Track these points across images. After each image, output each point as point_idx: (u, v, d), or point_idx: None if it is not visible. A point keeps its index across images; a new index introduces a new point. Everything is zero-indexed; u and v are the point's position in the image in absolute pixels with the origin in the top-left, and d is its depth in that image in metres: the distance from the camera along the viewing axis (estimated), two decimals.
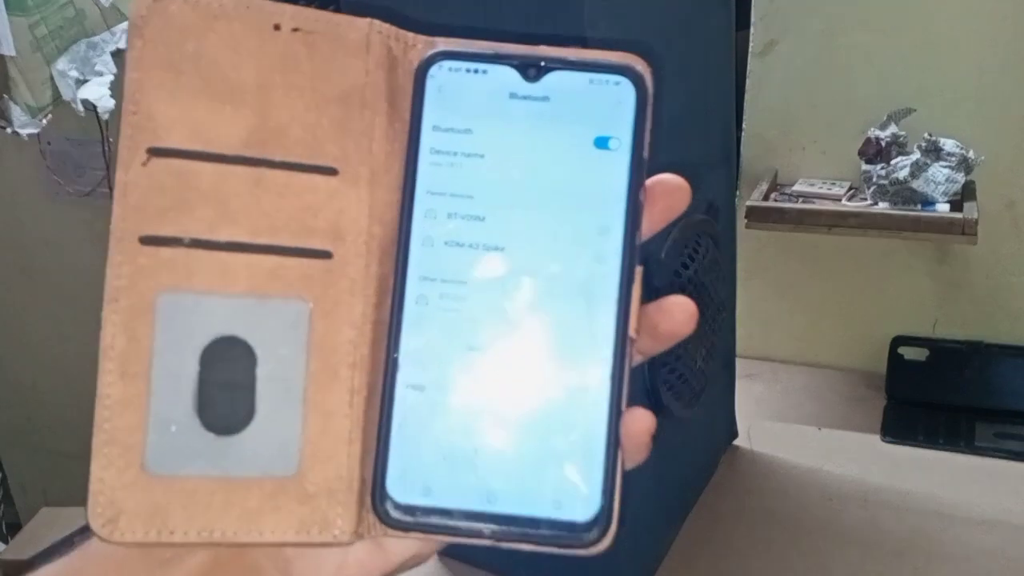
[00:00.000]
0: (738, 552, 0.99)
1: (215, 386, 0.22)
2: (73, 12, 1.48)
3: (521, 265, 0.23)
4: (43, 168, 1.86)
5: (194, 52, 0.22)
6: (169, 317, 0.22)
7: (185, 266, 0.22)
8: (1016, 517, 1.01)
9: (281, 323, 0.22)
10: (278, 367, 0.22)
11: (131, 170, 0.22)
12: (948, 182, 1.14)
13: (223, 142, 0.22)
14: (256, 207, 0.22)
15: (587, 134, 0.23)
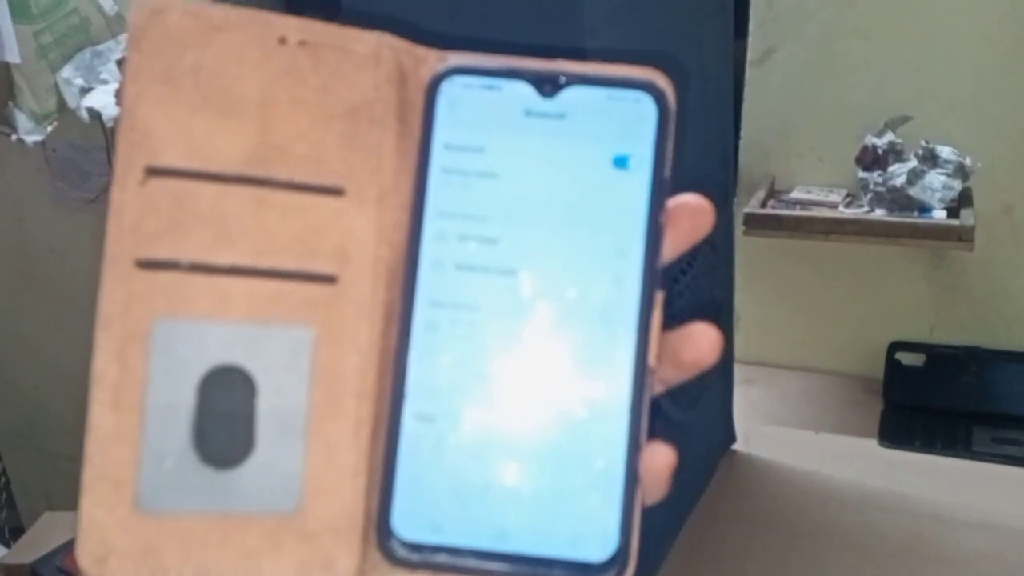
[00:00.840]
0: (736, 556, 1.00)
1: (213, 417, 0.21)
2: (78, 20, 1.50)
3: (535, 290, 0.22)
4: (47, 174, 1.88)
5: (194, 65, 0.21)
6: (165, 345, 0.21)
7: (182, 291, 0.21)
8: (1013, 521, 1.02)
9: (283, 351, 0.21)
10: (279, 397, 0.21)
11: (127, 190, 0.21)
12: (945, 189, 1.15)
13: (223, 160, 0.21)
14: (258, 229, 0.21)
15: (605, 152, 0.22)
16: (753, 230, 1.21)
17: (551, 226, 0.22)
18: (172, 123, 0.21)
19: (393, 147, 0.22)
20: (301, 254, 0.21)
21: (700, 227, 0.23)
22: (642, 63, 0.23)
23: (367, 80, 0.22)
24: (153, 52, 0.21)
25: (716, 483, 1.10)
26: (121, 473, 0.20)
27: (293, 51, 0.22)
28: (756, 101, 1.29)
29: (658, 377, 0.23)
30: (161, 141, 0.21)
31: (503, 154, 0.22)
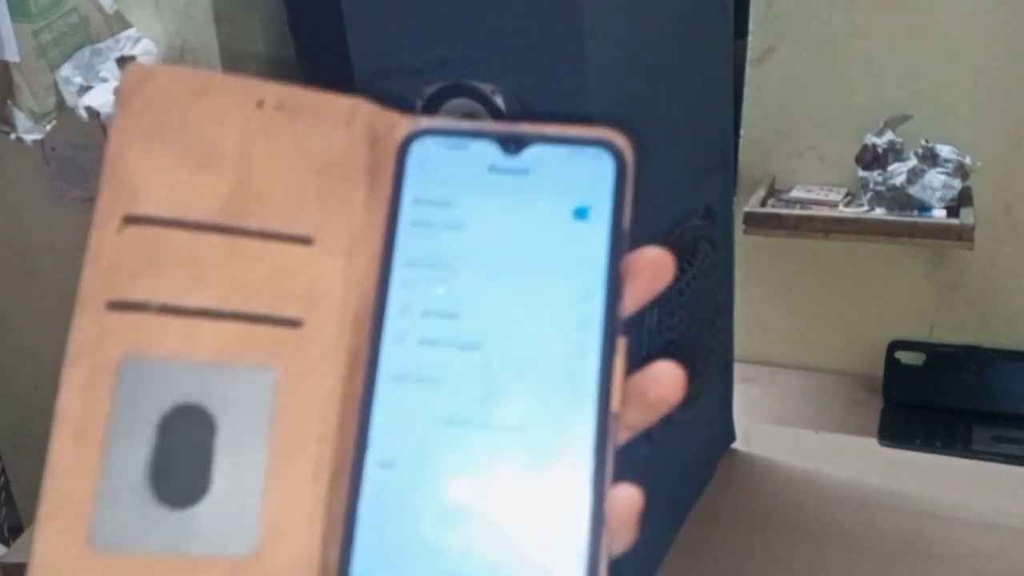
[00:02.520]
0: (736, 555, 1.00)
1: (171, 456, 0.21)
2: (77, 19, 1.49)
3: (498, 338, 0.22)
4: (46, 173, 1.88)
5: (177, 124, 0.22)
6: (130, 382, 0.21)
7: (151, 331, 0.21)
8: (1014, 520, 1.02)
9: (245, 392, 0.21)
10: (239, 437, 0.21)
11: (105, 235, 0.22)
12: (945, 188, 1.15)
13: (199, 210, 0.22)
14: (229, 273, 0.22)
15: (566, 204, 0.23)
16: (753, 229, 1.21)
17: (513, 274, 0.23)
18: (153, 175, 0.22)
19: (364, 201, 0.23)
20: (269, 298, 0.22)
21: (660, 277, 0.24)
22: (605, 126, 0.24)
23: (340, 140, 0.23)
24: (140, 111, 0.22)
25: (716, 482, 1.10)
26: (77, 509, 0.20)
27: (271, 113, 0.23)
28: (756, 101, 1.29)
29: (625, 422, 0.23)
30: (141, 191, 0.22)
31: (468, 207, 0.23)
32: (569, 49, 0.71)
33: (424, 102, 0.79)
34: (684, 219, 0.92)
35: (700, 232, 0.94)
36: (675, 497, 1.03)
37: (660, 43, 0.84)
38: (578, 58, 0.71)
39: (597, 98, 0.73)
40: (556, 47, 0.72)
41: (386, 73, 0.79)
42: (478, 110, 0.77)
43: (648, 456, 0.91)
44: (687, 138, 0.94)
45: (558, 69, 0.72)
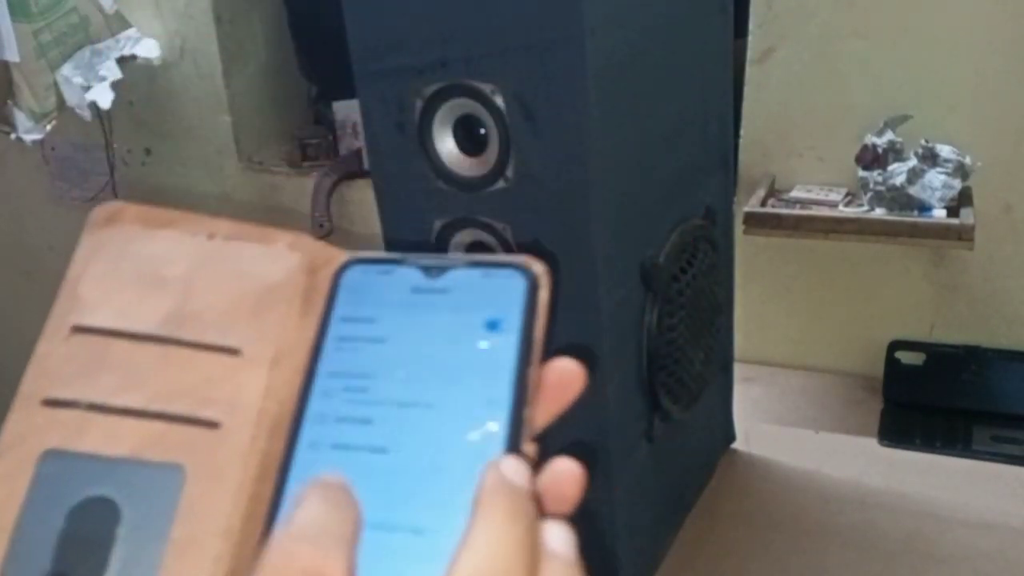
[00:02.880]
0: (736, 554, 1.00)
1: (74, 543, 0.22)
2: (77, 19, 1.49)
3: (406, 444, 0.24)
4: (46, 173, 1.88)
5: (134, 252, 0.25)
6: (47, 474, 0.23)
7: (76, 427, 0.23)
8: (1013, 520, 1.02)
9: (153, 486, 0.23)
10: (140, 529, 0.22)
11: (53, 343, 0.24)
12: (945, 188, 1.15)
13: (141, 323, 0.24)
14: (158, 378, 0.24)
15: (478, 318, 0.25)
16: (753, 229, 1.21)
17: (427, 383, 0.24)
18: (103, 294, 0.25)
19: (296, 321, 0.25)
20: (192, 401, 0.24)
21: (570, 388, 0.25)
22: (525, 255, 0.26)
23: (280, 268, 0.26)
24: (104, 241, 0.26)
25: (716, 481, 1.10)
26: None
27: (220, 244, 0.26)
28: (756, 101, 1.29)
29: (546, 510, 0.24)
30: (90, 307, 0.25)
31: (390, 323, 0.25)
32: (569, 49, 0.71)
33: (424, 102, 0.79)
34: (684, 219, 0.92)
35: (700, 232, 0.94)
36: (676, 496, 1.03)
37: (660, 43, 0.84)
38: (578, 58, 0.71)
39: (597, 98, 0.73)
40: (556, 47, 0.72)
41: (386, 73, 0.79)
42: (478, 110, 0.77)
43: (648, 456, 0.91)
44: (687, 138, 0.94)
45: (558, 69, 0.72)
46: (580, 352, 0.26)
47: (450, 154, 0.80)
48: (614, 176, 0.78)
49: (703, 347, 0.96)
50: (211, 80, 1.64)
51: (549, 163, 0.76)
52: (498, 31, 0.74)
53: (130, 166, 1.77)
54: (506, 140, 0.76)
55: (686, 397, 0.94)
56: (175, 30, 1.64)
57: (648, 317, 0.86)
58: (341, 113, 1.62)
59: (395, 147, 0.82)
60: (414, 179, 0.82)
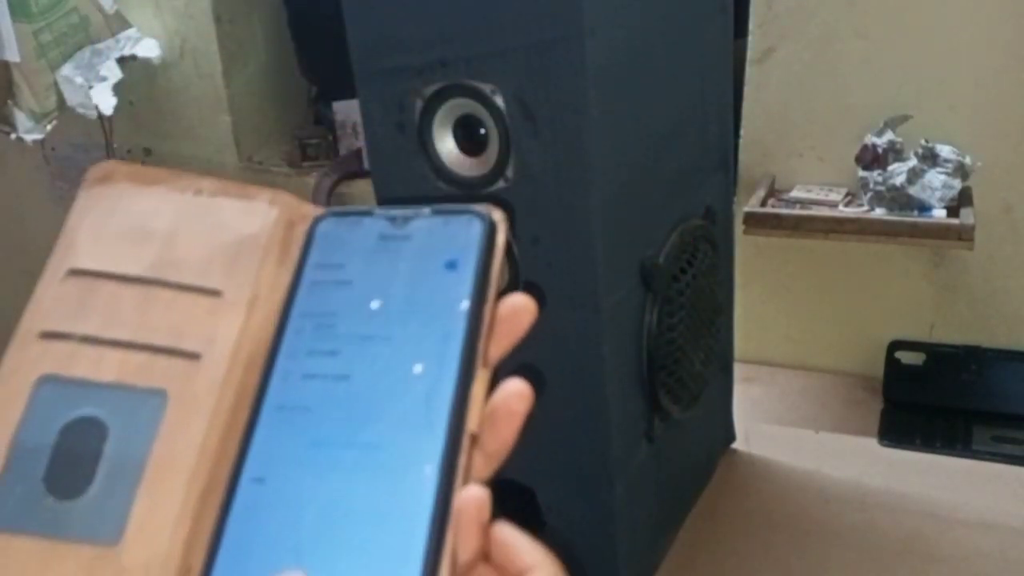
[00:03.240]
0: (736, 554, 1.00)
1: (64, 456, 0.24)
2: (77, 19, 1.49)
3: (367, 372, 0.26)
4: (46, 173, 1.88)
5: (125, 207, 0.28)
6: (42, 396, 0.25)
7: (69, 356, 0.26)
8: (1013, 520, 1.02)
9: (138, 409, 0.25)
10: (125, 445, 0.24)
11: (51, 283, 0.27)
12: (944, 188, 1.15)
13: (129, 267, 0.27)
14: (143, 314, 0.26)
15: (438, 260, 0.27)
16: (753, 229, 1.21)
17: (389, 318, 0.26)
18: (97, 243, 0.27)
19: (273, 267, 0.28)
20: (174, 335, 0.26)
21: (521, 320, 0.27)
22: None
23: (260, 221, 0.28)
24: (98, 196, 0.28)
25: (716, 481, 1.10)
26: None
27: (205, 200, 0.28)
28: (756, 101, 1.29)
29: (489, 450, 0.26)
30: (85, 252, 0.27)
31: (357, 267, 0.28)
32: (569, 49, 0.71)
33: (424, 102, 0.79)
34: (684, 219, 0.92)
35: (700, 232, 0.94)
36: (676, 496, 1.03)
37: (660, 43, 0.84)
38: (578, 58, 0.71)
39: (597, 98, 0.73)
40: (556, 47, 0.72)
41: (386, 73, 0.79)
42: (478, 110, 0.77)
43: (648, 456, 0.91)
44: (687, 138, 0.94)
45: (558, 69, 0.72)
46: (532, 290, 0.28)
47: (450, 154, 0.80)
48: (614, 176, 0.78)
49: (703, 347, 0.96)
50: (211, 80, 1.64)
51: (549, 163, 0.76)
52: (498, 31, 0.74)
53: None
54: (506, 140, 0.76)
55: (686, 397, 0.94)
56: (175, 30, 1.64)
57: (648, 317, 0.86)
58: (341, 113, 1.62)
59: (395, 147, 0.82)
60: (414, 179, 0.82)
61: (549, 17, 0.71)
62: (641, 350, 0.86)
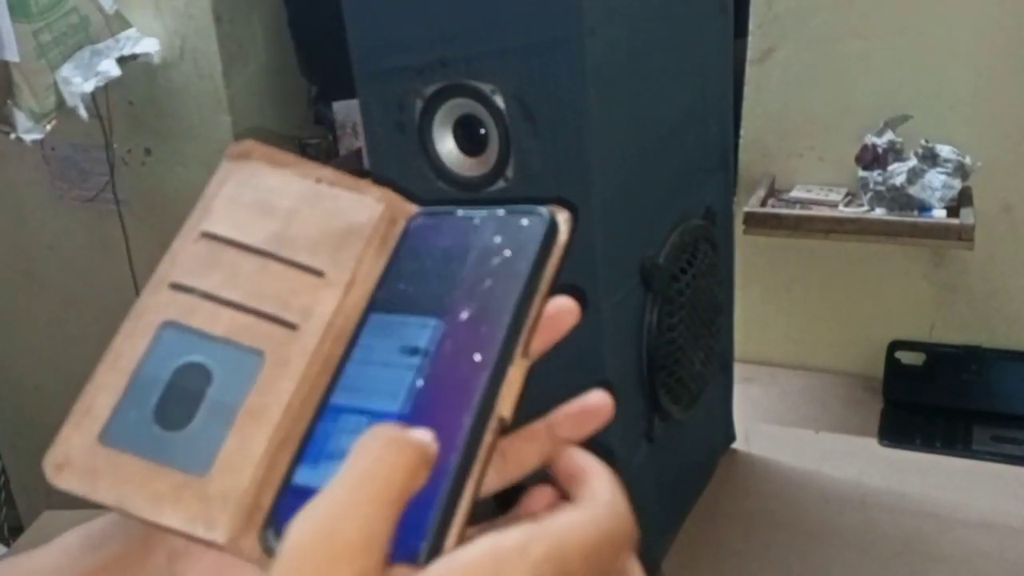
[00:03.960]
0: (736, 554, 1.00)
1: (174, 392, 0.28)
2: (77, 19, 1.49)
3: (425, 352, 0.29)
4: (46, 173, 1.88)
5: (256, 183, 0.32)
6: (164, 338, 0.29)
7: (189, 308, 0.30)
8: (1014, 520, 1.02)
9: (239, 362, 0.29)
10: (225, 391, 0.28)
11: (186, 242, 0.31)
12: (944, 188, 1.15)
13: (251, 238, 0.31)
14: (256, 282, 0.30)
15: (503, 253, 0.30)
16: (753, 229, 1.21)
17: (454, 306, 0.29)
18: (229, 211, 0.31)
19: (372, 257, 0.31)
20: (278, 305, 0.30)
21: (564, 321, 0.30)
22: None
23: (366, 213, 0.32)
24: (233, 171, 0.32)
25: (716, 481, 1.10)
26: (99, 412, 0.28)
27: (323, 187, 0.32)
28: (756, 101, 1.29)
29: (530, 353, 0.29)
30: (216, 218, 0.31)
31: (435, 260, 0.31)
32: (569, 49, 0.71)
33: (424, 102, 0.79)
34: (684, 219, 0.92)
35: (700, 232, 0.94)
36: (676, 496, 1.03)
37: (660, 43, 0.84)
38: (578, 58, 0.71)
39: (597, 98, 0.73)
40: (556, 47, 0.72)
41: (386, 73, 0.79)
42: (478, 110, 0.77)
43: (648, 456, 0.91)
44: (687, 138, 0.94)
45: (558, 69, 0.72)
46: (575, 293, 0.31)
47: (450, 154, 0.80)
48: (614, 176, 0.78)
49: (703, 347, 0.96)
50: (211, 80, 1.64)
51: (549, 163, 0.76)
52: (498, 31, 0.74)
53: (130, 166, 1.77)
54: (506, 140, 0.76)
55: (686, 397, 0.94)
56: (175, 30, 1.64)
57: (648, 317, 0.86)
58: (341, 113, 1.62)
59: (395, 147, 0.82)
60: (414, 179, 0.82)
61: (549, 17, 0.71)
62: (641, 350, 0.87)
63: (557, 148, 0.75)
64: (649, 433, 0.90)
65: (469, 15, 0.74)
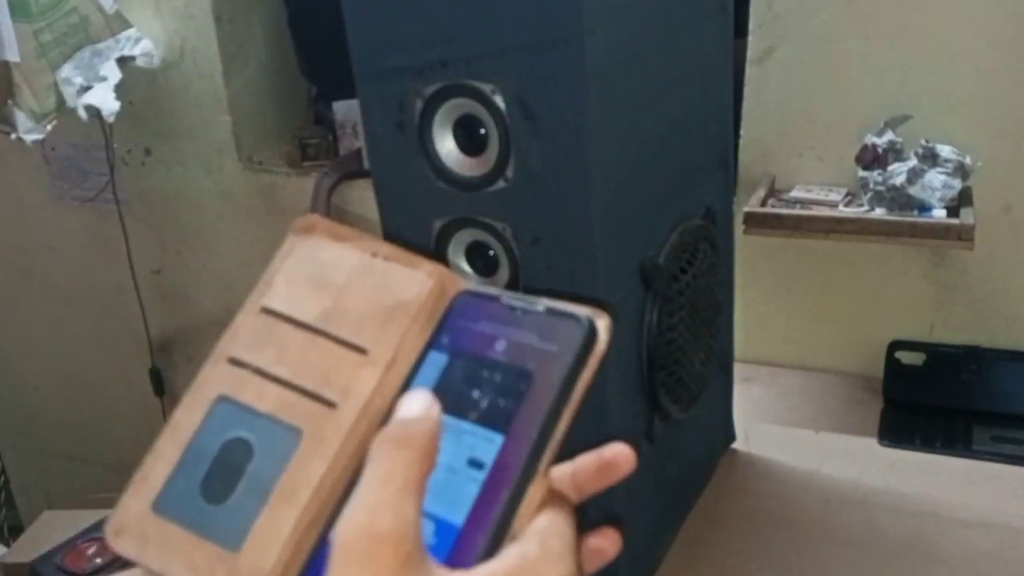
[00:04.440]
0: (736, 554, 1.00)
1: (219, 466, 0.30)
2: (77, 19, 1.49)
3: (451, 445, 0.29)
4: (46, 173, 1.88)
5: (315, 257, 0.33)
6: (217, 412, 0.31)
7: (242, 383, 0.31)
8: (1014, 520, 1.02)
9: (279, 439, 0.30)
10: (262, 468, 0.29)
11: (248, 316, 0.33)
12: (945, 188, 1.15)
13: (303, 314, 0.32)
14: (303, 358, 0.31)
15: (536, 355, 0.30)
16: (753, 229, 1.21)
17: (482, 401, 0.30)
18: (287, 286, 0.33)
19: (415, 335, 0.32)
20: (320, 382, 0.31)
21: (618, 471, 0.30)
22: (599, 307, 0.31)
23: (415, 289, 0.32)
24: (297, 245, 0.34)
25: (716, 481, 1.10)
26: (154, 481, 0.30)
27: (378, 262, 0.33)
28: (756, 101, 1.29)
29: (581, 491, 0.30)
30: (276, 294, 0.33)
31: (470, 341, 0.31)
32: (569, 49, 0.71)
33: (424, 102, 0.79)
34: (684, 219, 0.92)
35: (700, 232, 0.94)
36: (676, 496, 1.03)
37: (660, 43, 0.84)
38: (578, 58, 0.71)
39: (597, 98, 0.73)
40: (556, 47, 0.72)
41: (386, 73, 0.79)
42: (478, 110, 0.77)
43: (648, 456, 0.91)
44: (687, 138, 0.94)
45: (558, 69, 0.72)
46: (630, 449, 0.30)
47: (450, 154, 0.80)
48: (614, 176, 0.78)
49: (703, 347, 0.96)
50: (211, 80, 1.64)
51: (549, 163, 0.76)
52: (498, 31, 0.74)
53: (130, 166, 1.77)
54: (506, 140, 0.76)
55: (686, 397, 0.94)
56: (175, 30, 1.64)
57: (648, 317, 0.86)
58: (341, 113, 1.62)
59: (395, 147, 0.82)
60: (414, 179, 0.82)
61: (549, 17, 0.71)
62: (641, 350, 0.86)
63: (557, 148, 0.75)
64: (649, 433, 0.90)
65: (469, 15, 0.74)
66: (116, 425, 2.02)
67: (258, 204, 1.70)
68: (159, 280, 1.83)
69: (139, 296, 1.82)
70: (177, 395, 1.94)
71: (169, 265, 1.81)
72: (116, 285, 1.86)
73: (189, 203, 1.75)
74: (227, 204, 1.73)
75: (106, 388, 2.01)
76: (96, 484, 2.01)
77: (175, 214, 1.76)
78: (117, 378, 1.98)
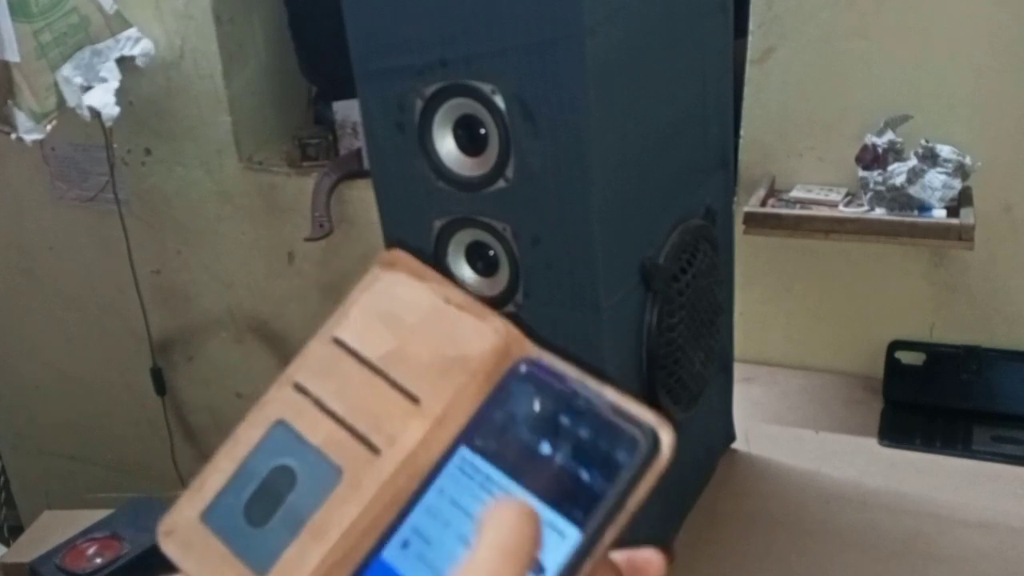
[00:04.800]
0: (737, 554, 1.00)
1: (264, 489, 0.30)
2: (77, 19, 1.49)
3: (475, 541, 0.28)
4: (46, 173, 1.88)
5: (392, 293, 0.33)
6: (274, 435, 0.31)
7: (300, 410, 0.31)
8: (1013, 519, 1.02)
9: (321, 475, 0.30)
10: (301, 500, 0.30)
11: (320, 345, 0.32)
12: (945, 188, 1.15)
13: (369, 350, 0.32)
14: (360, 397, 0.31)
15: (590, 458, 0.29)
16: (753, 229, 1.21)
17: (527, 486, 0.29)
18: (360, 320, 0.33)
19: (471, 393, 0.31)
20: (371, 425, 0.30)
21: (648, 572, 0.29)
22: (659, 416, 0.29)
23: (480, 344, 0.32)
24: (377, 278, 0.33)
25: (716, 481, 1.10)
26: (207, 492, 0.31)
27: (449, 308, 0.32)
28: (756, 101, 1.29)
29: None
30: (348, 326, 0.32)
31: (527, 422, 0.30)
32: (569, 49, 0.71)
33: (424, 102, 0.79)
34: (684, 219, 0.92)
35: (700, 232, 0.94)
36: (676, 496, 1.03)
37: (660, 43, 0.84)
38: (578, 58, 0.71)
39: (597, 98, 0.73)
40: (556, 47, 0.72)
41: (386, 73, 0.79)
42: (478, 110, 0.77)
43: None
44: (687, 138, 0.94)
45: (558, 69, 0.72)
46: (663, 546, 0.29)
47: (450, 154, 0.80)
48: (614, 176, 0.78)
49: (703, 347, 0.96)
50: (211, 80, 1.64)
51: (549, 163, 0.76)
52: (498, 31, 0.74)
53: (130, 166, 1.77)
54: (506, 140, 0.76)
55: (686, 397, 0.94)
56: (175, 30, 1.64)
57: (648, 317, 0.86)
58: (341, 113, 1.62)
59: (395, 147, 0.82)
60: (414, 179, 0.82)
61: (549, 17, 0.71)
62: (641, 350, 0.87)
63: (557, 148, 0.75)
64: None
65: (469, 15, 0.74)
66: (116, 425, 2.02)
67: (258, 204, 1.70)
68: (159, 280, 1.83)
69: (139, 296, 1.82)
70: (177, 395, 1.94)
71: (169, 265, 1.81)
72: (116, 285, 1.86)
73: (189, 203, 1.75)
74: (227, 204, 1.73)
75: (106, 388, 2.01)
76: (96, 484, 2.01)
77: (175, 214, 1.76)
78: (117, 378, 1.98)
